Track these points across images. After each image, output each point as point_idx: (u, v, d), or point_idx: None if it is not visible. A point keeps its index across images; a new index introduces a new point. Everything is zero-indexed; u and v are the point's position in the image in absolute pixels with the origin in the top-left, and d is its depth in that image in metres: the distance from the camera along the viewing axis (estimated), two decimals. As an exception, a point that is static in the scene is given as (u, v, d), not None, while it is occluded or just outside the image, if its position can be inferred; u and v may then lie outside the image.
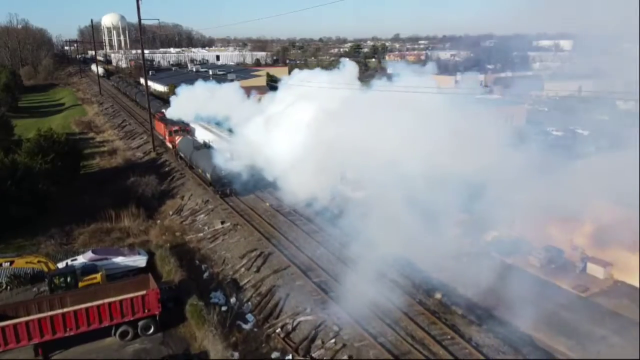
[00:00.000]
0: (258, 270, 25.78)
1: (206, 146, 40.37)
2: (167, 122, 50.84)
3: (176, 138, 45.90)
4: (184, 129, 47.89)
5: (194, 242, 30.99)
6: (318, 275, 24.62)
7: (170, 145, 48.56)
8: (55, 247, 29.51)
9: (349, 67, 33.10)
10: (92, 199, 38.40)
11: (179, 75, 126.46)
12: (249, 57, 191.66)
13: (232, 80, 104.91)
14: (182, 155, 44.00)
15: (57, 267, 24.29)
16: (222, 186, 35.86)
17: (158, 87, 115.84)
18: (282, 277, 24.67)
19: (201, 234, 31.65)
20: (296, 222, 31.20)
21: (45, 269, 23.56)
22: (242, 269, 26.34)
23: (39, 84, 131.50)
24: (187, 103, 48.39)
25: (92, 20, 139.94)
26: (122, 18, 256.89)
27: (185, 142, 43.19)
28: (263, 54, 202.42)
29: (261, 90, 73.31)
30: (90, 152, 54.41)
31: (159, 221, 35.49)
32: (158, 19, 44.92)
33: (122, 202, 36.04)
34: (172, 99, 55.11)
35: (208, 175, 36.41)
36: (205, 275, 26.64)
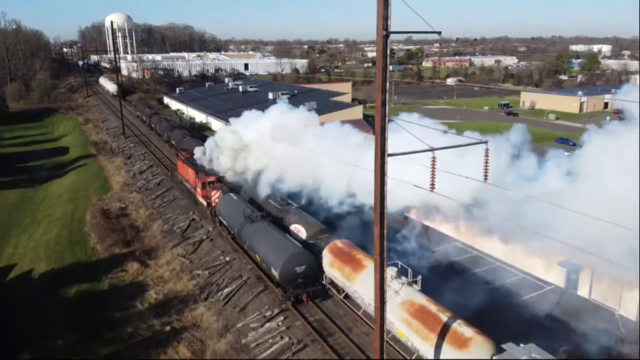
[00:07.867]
0: None
1: (264, 217, 27.09)
2: (196, 167, 37.73)
3: (213, 193, 33.13)
4: (222, 179, 34.79)
5: None
6: None
7: (203, 202, 35.66)
8: None
9: None
10: None
11: (220, 95, 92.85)
12: (287, 66, 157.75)
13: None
14: (223, 222, 30.68)
15: None
16: (295, 287, 22.37)
17: (193, 112, 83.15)
18: None
19: None
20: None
21: None
22: None
23: (31, 109, 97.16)
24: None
25: (112, 24, 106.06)
26: (129, 18, 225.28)
27: (230, 205, 29.75)
28: (303, 62, 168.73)
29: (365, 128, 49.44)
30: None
31: None
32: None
33: None
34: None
35: (275, 272, 22.45)
36: None
